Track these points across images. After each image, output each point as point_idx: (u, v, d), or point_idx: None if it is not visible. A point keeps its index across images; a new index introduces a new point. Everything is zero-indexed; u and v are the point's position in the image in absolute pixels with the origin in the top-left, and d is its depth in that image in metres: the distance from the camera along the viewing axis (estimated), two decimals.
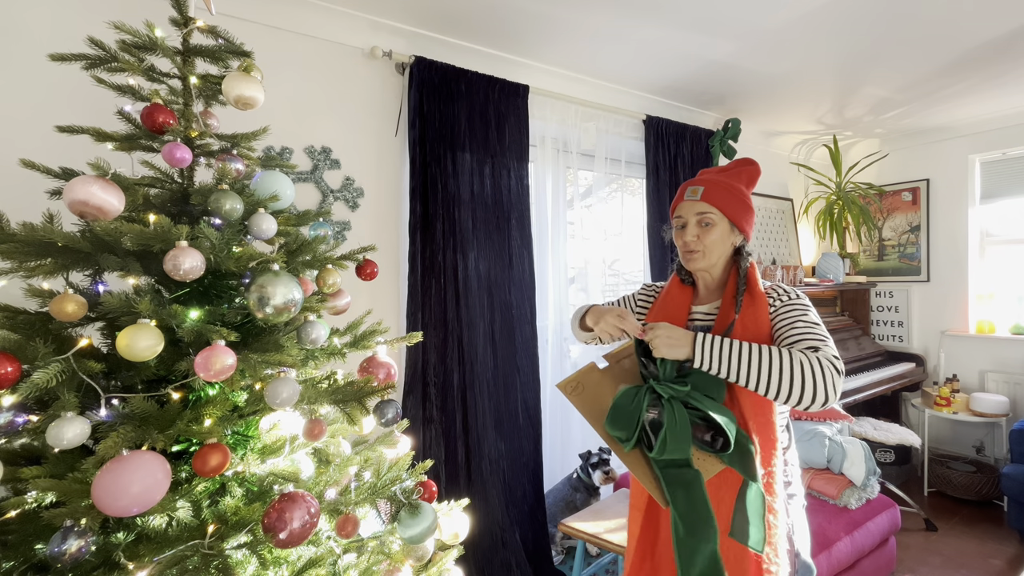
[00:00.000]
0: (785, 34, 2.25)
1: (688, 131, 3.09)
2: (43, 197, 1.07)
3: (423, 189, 2.11)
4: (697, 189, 1.22)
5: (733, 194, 1.22)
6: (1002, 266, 3.67)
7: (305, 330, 1.04)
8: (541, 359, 2.45)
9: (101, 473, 0.75)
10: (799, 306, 1.14)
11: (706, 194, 1.21)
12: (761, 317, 1.13)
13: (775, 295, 1.18)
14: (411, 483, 1.12)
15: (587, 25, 2.15)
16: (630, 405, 1.05)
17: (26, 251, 0.90)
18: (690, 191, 1.23)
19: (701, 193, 1.22)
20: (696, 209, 1.22)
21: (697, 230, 1.22)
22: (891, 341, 4.04)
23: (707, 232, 1.21)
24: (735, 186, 1.24)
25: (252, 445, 1.05)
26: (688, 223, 1.23)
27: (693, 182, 1.26)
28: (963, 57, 2.52)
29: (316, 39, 2.00)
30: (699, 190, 1.22)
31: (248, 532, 0.91)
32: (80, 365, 0.84)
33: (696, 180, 1.26)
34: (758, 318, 1.13)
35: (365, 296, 2.05)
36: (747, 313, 1.15)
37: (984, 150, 3.61)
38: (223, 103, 1.19)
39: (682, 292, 1.30)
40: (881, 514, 2.36)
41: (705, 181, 1.24)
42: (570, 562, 2.41)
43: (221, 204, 0.99)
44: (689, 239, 1.22)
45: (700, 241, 1.21)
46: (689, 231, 1.22)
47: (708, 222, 1.21)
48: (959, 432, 3.68)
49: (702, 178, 1.26)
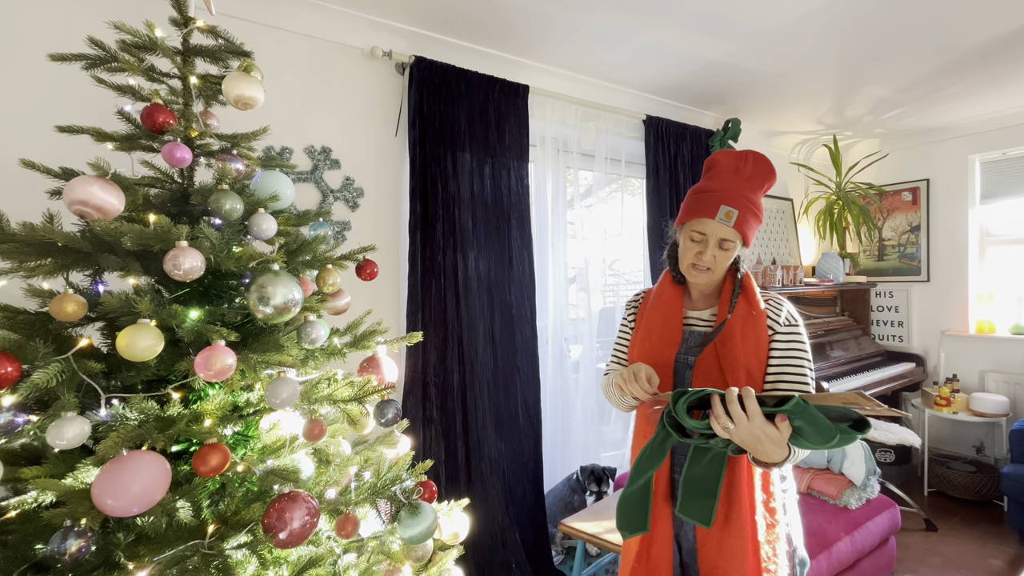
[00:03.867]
0: (785, 34, 2.25)
1: (688, 131, 3.09)
2: (43, 197, 1.07)
3: (423, 189, 2.11)
4: (732, 213, 1.14)
5: (757, 216, 1.18)
6: (1002, 266, 3.67)
7: (305, 330, 1.04)
8: (541, 359, 2.45)
9: (101, 473, 0.75)
10: (797, 343, 1.15)
11: (739, 220, 1.14)
12: (759, 330, 1.14)
13: (774, 313, 1.17)
14: (411, 483, 1.12)
15: (587, 25, 2.15)
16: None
17: (26, 251, 0.90)
18: (724, 213, 1.14)
19: (735, 219, 1.14)
20: (723, 234, 1.15)
21: (715, 251, 1.16)
22: (891, 341, 4.04)
23: (723, 255, 1.17)
24: (759, 204, 1.18)
25: (252, 445, 1.05)
26: (709, 242, 1.16)
27: (727, 199, 1.14)
28: (963, 57, 2.52)
29: (316, 39, 2.00)
30: (734, 214, 1.14)
31: (248, 532, 0.91)
32: (80, 365, 0.84)
33: (729, 197, 1.15)
34: (757, 329, 1.14)
35: (365, 296, 2.05)
36: (746, 320, 1.15)
37: (984, 150, 3.61)
38: (223, 103, 1.19)
39: (675, 293, 1.27)
40: (881, 514, 2.36)
41: (739, 203, 1.15)
42: (570, 562, 2.41)
43: (221, 204, 0.99)
44: (707, 260, 1.17)
45: (715, 261, 1.17)
46: (708, 251, 1.16)
47: (728, 247, 1.17)
48: (959, 432, 3.68)
49: (736, 195, 1.15)
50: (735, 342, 1.13)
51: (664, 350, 1.20)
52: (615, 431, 2.89)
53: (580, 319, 2.77)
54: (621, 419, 2.95)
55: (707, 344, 1.15)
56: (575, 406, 2.71)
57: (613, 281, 3.07)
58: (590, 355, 2.75)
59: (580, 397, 2.72)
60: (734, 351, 1.13)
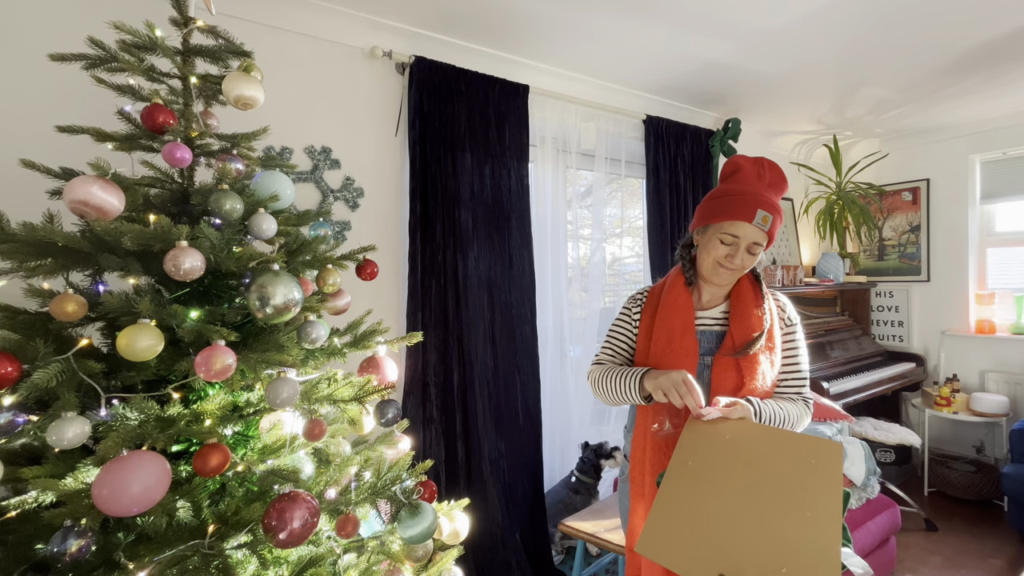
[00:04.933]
0: (785, 34, 2.25)
1: (688, 131, 3.08)
2: (43, 197, 1.07)
3: (423, 189, 2.10)
4: (768, 218, 1.17)
5: (782, 220, 1.23)
6: (1002, 266, 3.67)
7: (305, 330, 1.04)
8: (541, 359, 2.45)
9: (101, 473, 0.75)
10: (799, 338, 1.30)
11: (772, 226, 1.18)
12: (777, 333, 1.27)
13: (780, 312, 1.30)
14: (411, 483, 1.12)
15: (587, 25, 2.15)
16: None
17: (26, 251, 0.90)
18: (761, 218, 1.16)
19: (771, 224, 1.18)
20: (756, 238, 1.18)
21: (745, 255, 1.19)
22: (891, 341, 4.04)
23: (751, 259, 1.21)
24: (781, 210, 1.23)
25: (252, 445, 1.05)
26: (741, 245, 1.19)
27: (763, 204, 1.17)
28: (963, 57, 2.52)
29: (316, 39, 2.00)
30: (770, 219, 1.17)
31: (248, 532, 0.91)
32: (80, 365, 0.84)
33: (763, 200, 1.18)
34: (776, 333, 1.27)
35: (365, 296, 2.05)
36: (771, 327, 1.25)
37: (984, 150, 3.61)
38: (223, 103, 1.19)
39: (687, 297, 1.28)
40: (881, 514, 2.36)
41: (773, 208, 1.18)
42: (570, 562, 2.41)
43: (221, 204, 0.99)
44: (738, 263, 1.19)
45: (743, 264, 1.20)
46: (740, 254, 1.19)
47: (756, 252, 1.20)
48: (959, 432, 3.68)
49: (768, 201, 1.18)
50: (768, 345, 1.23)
51: (683, 358, 1.22)
52: (615, 431, 2.88)
53: (580, 319, 2.77)
54: (621, 419, 2.95)
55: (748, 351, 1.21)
56: (575, 406, 2.70)
57: (613, 281, 3.07)
58: (590, 355, 2.75)
59: (580, 397, 2.72)
60: (757, 355, 1.20)
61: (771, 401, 1.20)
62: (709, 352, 1.25)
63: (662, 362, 1.23)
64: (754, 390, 1.19)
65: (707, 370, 1.23)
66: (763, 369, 1.20)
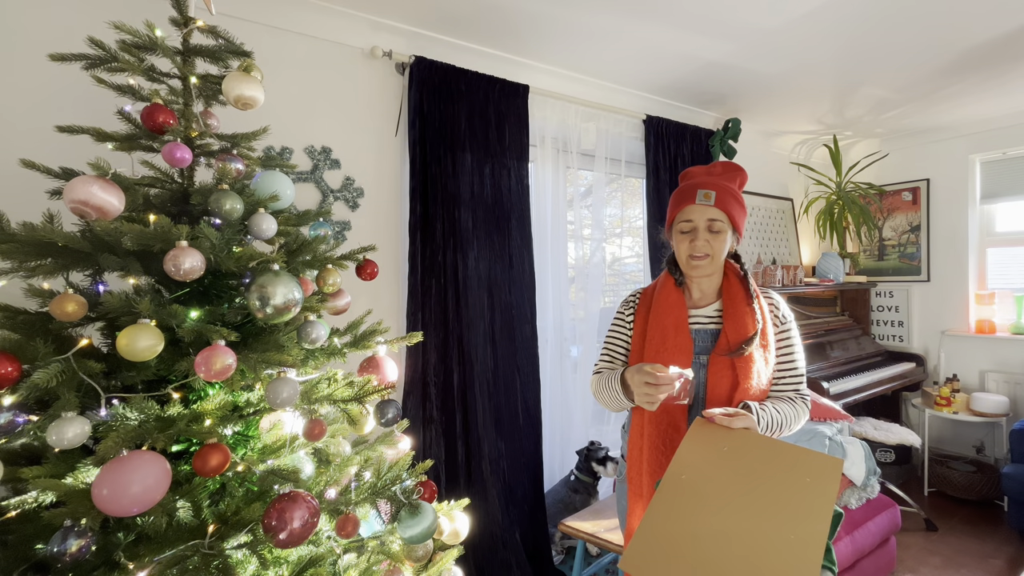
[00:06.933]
0: (785, 34, 2.25)
1: (688, 131, 3.09)
2: (43, 197, 1.07)
3: (423, 189, 2.10)
4: (710, 194, 1.18)
5: (738, 199, 1.22)
6: (1002, 266, 3.67)
7: (305, 330, 1.04)
8: (541, 359, 2.45)
9: (101, 473, 0.75)
10: (793, 336, 1.29)
11: (718, 199, 1.18)
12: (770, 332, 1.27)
13: (773, 310, 1.28)
14: (411, 483, 1.12)
15: (587, 25, 2.15)
16: None
17: (26, 251, 0.90)
18: (702, 195, 1.18)
19: (714, 198, 1.18)
20: (708, 215, 1.18)
21: (707, 236, 1.19)
22: (891, 341, 4.04)
23: (717, 239, 1.20)
24: (737, 191, 1.23)
25: (252, 445, 1.05)
26: (698, 228, 1.19)
27: (701, 184, 1.20)
28: (963, 57, 2.52)
29: (316, 39, 2.00)
30: (712, 195, 1.18)
31: (248, 532, 0.91)
32: (80, 365, 0.84)
33: (703, 183, 1.21)
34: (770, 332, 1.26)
35: (365, 296, 2.05)
36: (764, 326, 1.24)
37: (984, 150, 3.61)
38: (223, 103, 1.19)
39: (679, 296, 1.28)
40: (881, 514, 2.36)
41: (714, 185, 1.20)
42: (570, 562, 2.40)
43: (221, 204, 0.99)
44: (701, 244, 1.19)
45: (710, 246, 1.19)
46: (700, 237, 1.19)
47: (718, 229, 1.19)
48: (959, 432, 3.68)
49: (708, 181, 1.22)
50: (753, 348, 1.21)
51: (678, 356, 1.22)
52: (615, 431, 2.89)
53: (580, 319, 2.77)
54: (620, 419, 2.95)
55: (743, 351, 1.20)
56: (575, 406, 2.70)
57: (613, 281, 3.07)
58: (590, 355, 2.75)
59: (580, 397, 2.72)
60: (752, 354, 1.20)
61: (769, 404, 1.20)
62: (704, 351, 1.25)
63: (658, 361, 1.23)
64: (749, 389, 1.19)
65: (703, 370, 1.23)
66: (758, 368, 1.20)
